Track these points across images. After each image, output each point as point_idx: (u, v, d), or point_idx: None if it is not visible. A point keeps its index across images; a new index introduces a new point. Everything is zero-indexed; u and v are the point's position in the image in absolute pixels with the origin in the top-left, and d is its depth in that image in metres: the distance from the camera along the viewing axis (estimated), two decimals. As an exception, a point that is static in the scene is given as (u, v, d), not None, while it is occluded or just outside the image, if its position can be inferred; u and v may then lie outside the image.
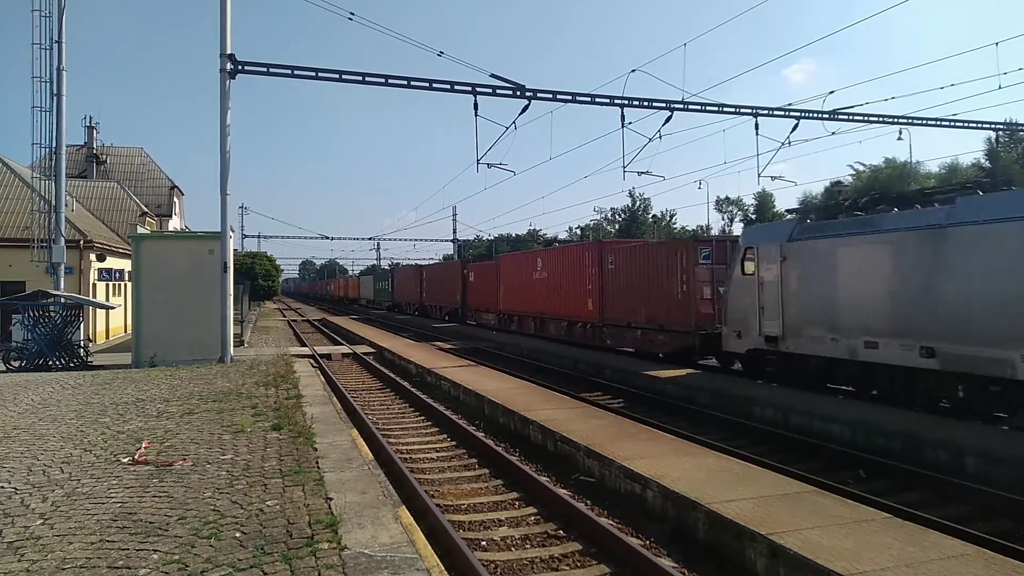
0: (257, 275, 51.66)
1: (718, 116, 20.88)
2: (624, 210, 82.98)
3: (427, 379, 16.48)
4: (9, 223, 24.56)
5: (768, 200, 69.49)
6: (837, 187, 46.78)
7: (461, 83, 18.60)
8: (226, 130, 17.61)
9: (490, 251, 70.55)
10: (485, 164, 20.02)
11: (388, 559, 4.65)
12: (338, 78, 18.08)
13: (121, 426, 9.22)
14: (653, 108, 20.14)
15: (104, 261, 26.88)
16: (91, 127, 43.52)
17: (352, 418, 11.31)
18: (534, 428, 9.94)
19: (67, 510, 5.69)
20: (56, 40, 20.36)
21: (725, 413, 11.69)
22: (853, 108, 22.38)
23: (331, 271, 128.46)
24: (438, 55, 18.00)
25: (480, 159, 19.82)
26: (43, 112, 20.39)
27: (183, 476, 6.69)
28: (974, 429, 9.25)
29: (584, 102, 19.73)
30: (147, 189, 43.00)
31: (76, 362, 18.56)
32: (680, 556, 5.85)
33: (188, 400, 11.28)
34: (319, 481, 6.53)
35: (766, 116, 21.47)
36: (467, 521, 6.84)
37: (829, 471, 8.54)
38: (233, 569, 4.43)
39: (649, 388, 14.36)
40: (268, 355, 19.55)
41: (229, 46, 17.35)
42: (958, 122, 23.74)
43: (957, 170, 54.20)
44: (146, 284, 18.26)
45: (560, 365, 18.93)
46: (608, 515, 6.89)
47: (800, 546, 5.00)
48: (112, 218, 35.28)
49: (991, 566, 4.73)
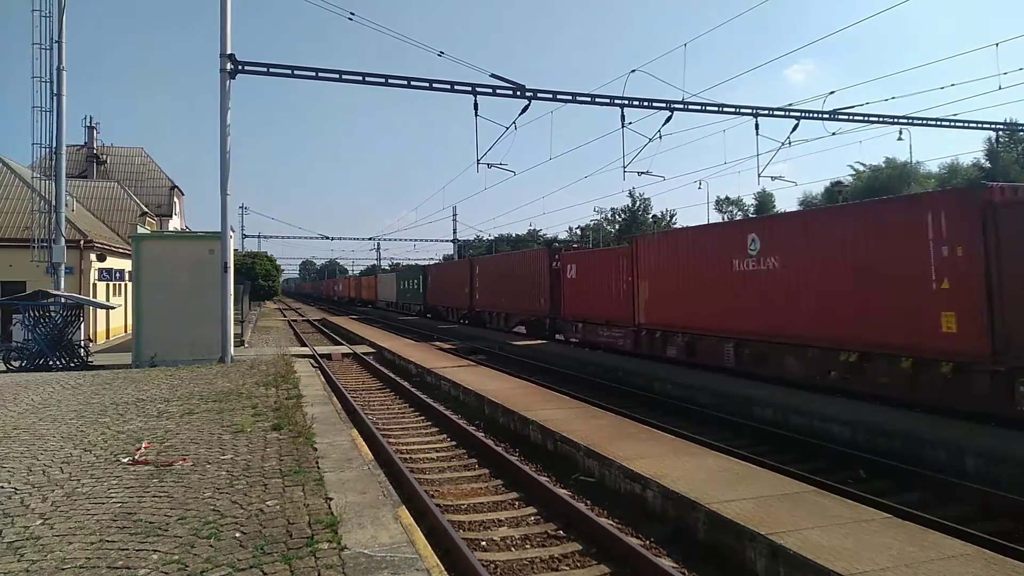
0: (257, 275, 51.67)
1: (718, 116, 20.90)
2: (624, 210, 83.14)
3: (427, 379, 16.48)
4: (9, 223, 24.56)
5: (768, 200, 69.52)
6: (837, 187, 46.79)
7: (461, 83, 18.61)
8: (226, 130, 17.61)
9: (490, 251, 70.57)
10: (485, 164, 20.07)
11: (388, 559, 4.65)
12: (338, 78, 18.08)
13: (121, 426, 9.22)
14: (653, 108, 20.14)
15: (104, 261, 26.89)
16: (91, 127, 43.55)
17: (352, 418, 11.31)
18: (534, 428, 9.94)
19: (67, 510, 5.69)
20: (56, 40, 20.36)
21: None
22: (853, 108, 22.43)
23: (331, 271, 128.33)
24: (438, 55, 18.04)
25: (480, 159, 19.87)
26: (43, 112, 20.40)
27: (183, 476, 6.68)
28: (974, 429, 9.24)
29: (584, 102, 19.74)
30: (147, 189, 43.02)
31: (76, 362, 18.57)
32: (680, 556, 5.85)
33: (188, 400, 11.28)
34: (319, 481, 6.53)
35: (766, 116, 21.48)
36: (467, 521, 6.84)
37: (829, 471, 8.54)
38: (233, 569, 4.43)
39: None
40: (268, 355, 19.55)
41: (229, 46, 17.36)
42: (958, 122, 23.75)
43: (957, 170, 54.19)
44: (146, 284, 18.26)
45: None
46: (608, 515, 6.89)
47: (800, 546, 5.00)
48: (112, 218, 35.28)
49: (991, 566, 4.73)
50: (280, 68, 17.57)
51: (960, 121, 23.73)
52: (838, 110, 22.09)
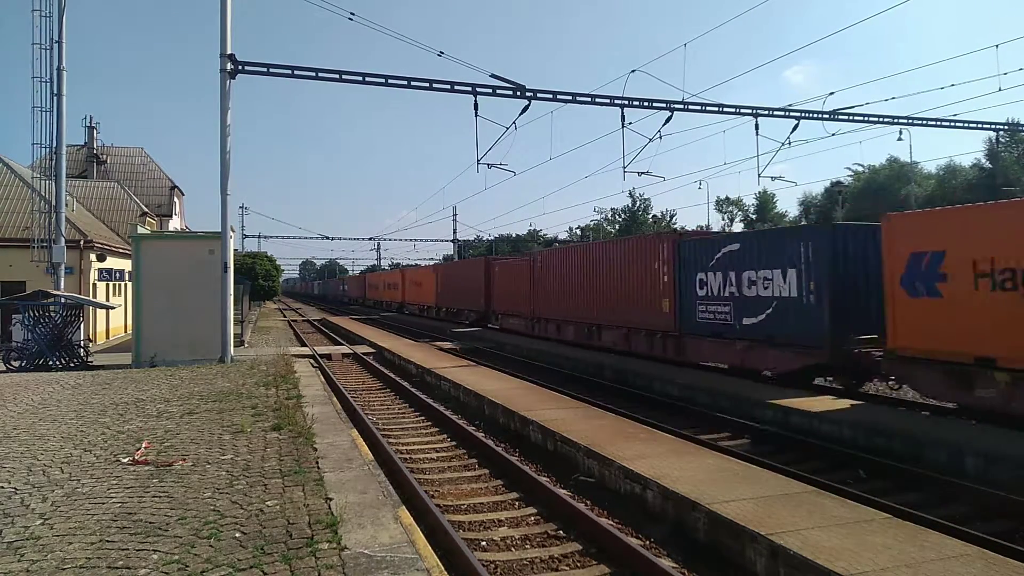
0: (257, 275, 51.58)
1: (718, 116, 20.91)
2: (624, 210, 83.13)
3: (427, 379, 16.48)
4: (9, 223, 24.56)
5: (769, 200, 69.57)
6: (837, 187, 46.78)
7: (461, 83, 18.62)
8: (226, 130, 17.61)
9: (490, 251, 70.58)
10: (485, 164, 20.09)
11: (388, 559, 4.65)
12: (338, 78, 18.08)
13: (121, 426, 9.22)
14: (653, 108, 20.15)
15: (104, 261, 26.88)
16: (91, 127, 43.54)
17: (352, 418, 11.30)
18: (534, 428, 9.94)
19: (67, 510, 5.69)
20: (56, 40, 20.36)
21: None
22: (853, 108, 22.45)
23: (331, 271, 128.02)
24: (438, 55, 18.04)
25: (480, 159, 19.89)
26: (43, 112, 20.40)
27: (183, 476, 6.69)
28: (974, 429, 9.25)
29: (584, 102, 19.74)
30: (147, 189, 43.01)
31: (76, 362, 18.56)
32: (680, 556, 5.85)
33: (188, 400, 11.28)
34: (319, 481, 6.53)
35: (766, 116, 21.49)
36: (467, 521, 6.84)
37: (829, 471, 8.54)
38: (233, 569, 4.43)
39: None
40: (268, 355, 19.55)
41: (229, 46, 17.37)
42: (958, 122, 23.76)
43: (956, 171, 54.19)
44: (146, 284, 18.27)
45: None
46: (608, 515, 6.89)
47: (800, 546, 5.00)
48: (112, 218, 35.28)
49: (991, 566, 4.73)
50: (280, 68, 17.57)
51: (960, 121, 23.75)
52: (838, 110, 22.11)
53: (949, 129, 24.51)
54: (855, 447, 9.26)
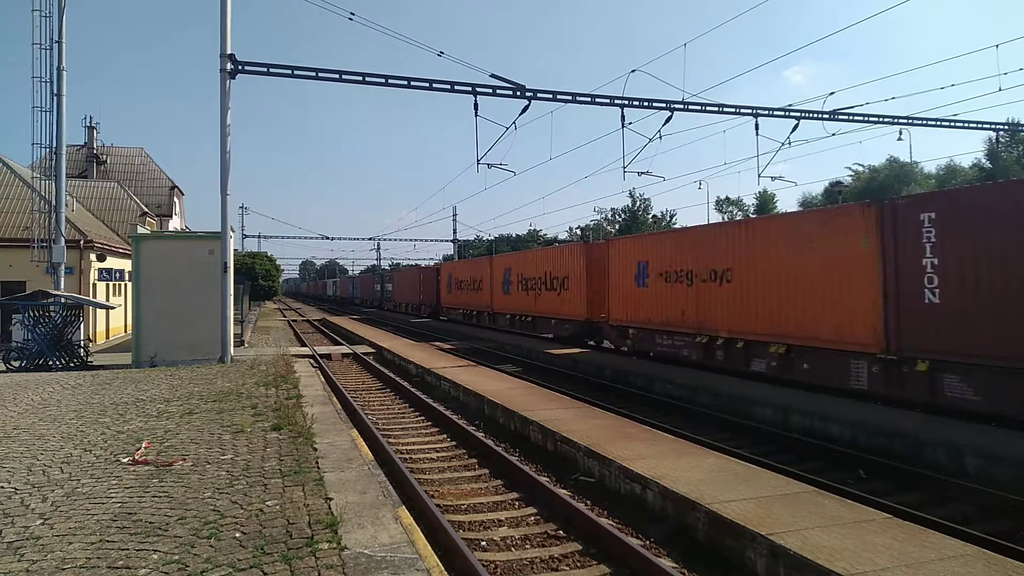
0: (257, 275, 51.61)
1: (718, 116, 20.92)
2: (624, 210, 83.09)
3: (427, 379, 16.48)
4: (9, 223, 24.56)
5: (769, 200, 69.54)
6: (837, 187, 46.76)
7: (461, 83, 18.62)
8: (226, 130, 17.60)
9: (490, 251, 70.56)
10: (485, 164, 20.10)
11: (388, 559, 4.65)
12: (338, 78, 18.08)
13: (121, 426, 9.22)
14: (653, 108, 20.15)
15: (104, 261, 26.88)
16: (91, 127, 43.56)
17: (352, 418, 11.30)
18: (534, 428, 9.94)
19: (67, 510, 5.69)
20: (56, 40, 20.37)
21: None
22: (853, 108, 22.44)
23: (331, 271, 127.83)
24: (438, 55, 18.05)
25: (480, 159, 19.91)
26: (43, 112, 20.41)
27: (183, 476, 6.68)
28: (974, 429, 9.25)
29: (584, 102, 19.74)
30: (147, 189, 43.02)
31: (76, 362, 18.56)
32: (680, 556, 5.85)
33: (188, 400, 11.28)
34: (319, 481, 6.52)
35: (766, 116, 21.49)
36: (467, 521, 6.84)
37: (829, 471, 8.54)
38: (233, 569, 4.43)
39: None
40: (268, 355, 19.54)
41: (229, 46, 17.36)
42: (958, 122, 23.75)
43: (956, 171, 54.20)
44: (146, 284, 18.27)
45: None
46: (608, 515, 6.89)
47: (800, 546, 5.00)
48: (112, 218, 35.28)
49: (991, 566, 4.73)
50: (280, 68, 17.57)
51: (960, 121, 23.74)
52: (838, 110, 22.10)
53: (949, 129, 24.53)
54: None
